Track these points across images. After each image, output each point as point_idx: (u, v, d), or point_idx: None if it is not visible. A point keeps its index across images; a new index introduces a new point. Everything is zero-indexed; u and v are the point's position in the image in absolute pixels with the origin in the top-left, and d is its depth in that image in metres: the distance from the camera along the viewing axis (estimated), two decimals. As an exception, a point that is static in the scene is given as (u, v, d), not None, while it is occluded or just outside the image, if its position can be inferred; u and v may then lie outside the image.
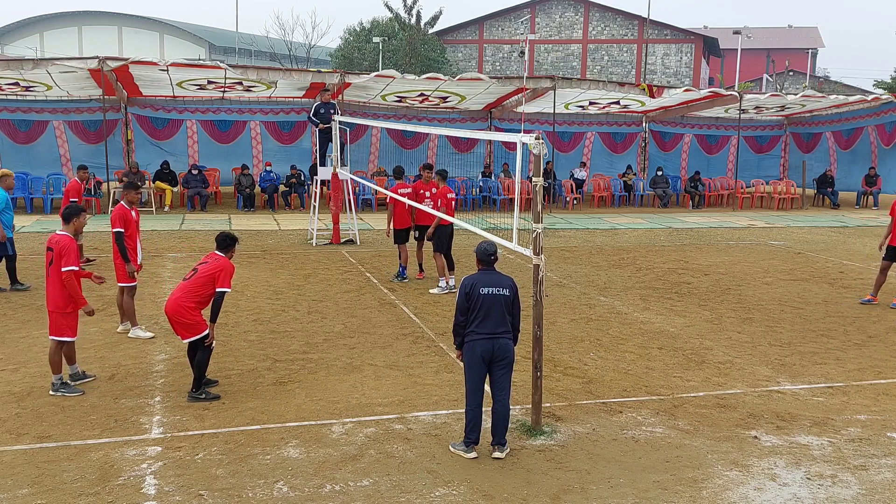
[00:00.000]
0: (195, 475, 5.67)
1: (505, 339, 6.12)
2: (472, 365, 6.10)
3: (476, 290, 6.09)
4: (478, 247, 6.34)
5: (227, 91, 22.80)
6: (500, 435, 6.14)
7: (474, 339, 6.07)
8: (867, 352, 9.27)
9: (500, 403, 6.15)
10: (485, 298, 6.08)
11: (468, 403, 6.14)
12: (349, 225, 16.64)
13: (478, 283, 6.13)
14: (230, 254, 7.39)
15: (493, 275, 6.24)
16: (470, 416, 6.11)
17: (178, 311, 7.06)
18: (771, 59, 73.88)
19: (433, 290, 11.96)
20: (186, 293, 7.09)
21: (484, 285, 6.12)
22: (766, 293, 12.43)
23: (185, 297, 7.07)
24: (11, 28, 75.46)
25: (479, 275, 6.25)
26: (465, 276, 6.32)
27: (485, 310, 6.06)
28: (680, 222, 21.49)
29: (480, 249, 6.30)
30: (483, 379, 6.13)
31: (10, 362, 8.13)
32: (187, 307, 7.06)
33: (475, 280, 6.17)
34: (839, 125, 28.24)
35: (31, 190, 20.68)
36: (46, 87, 21.44)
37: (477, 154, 26.53)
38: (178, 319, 7.09)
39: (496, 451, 6.12)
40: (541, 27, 55.72)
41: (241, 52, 63.56)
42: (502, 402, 6.14)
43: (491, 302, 6.08)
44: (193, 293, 7.10)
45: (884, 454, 6.32)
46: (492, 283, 6.16)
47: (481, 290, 6.09)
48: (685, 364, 8.63)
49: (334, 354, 8.68)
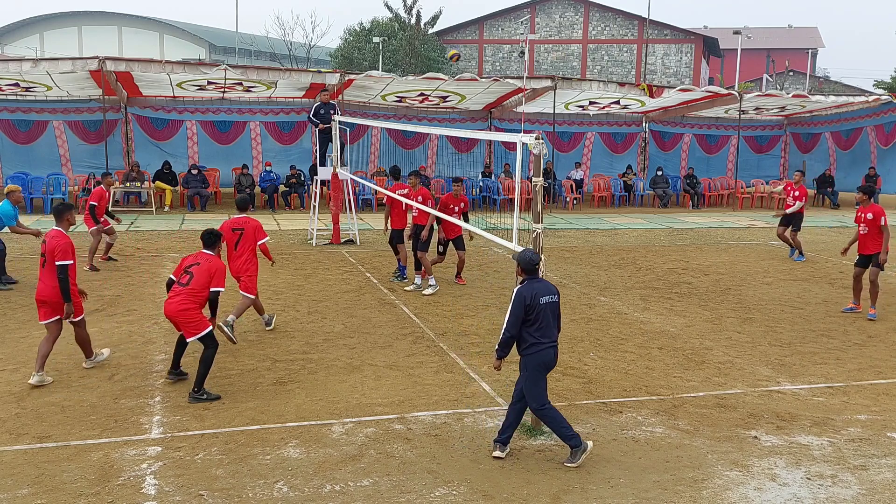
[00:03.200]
0: (195, 475, 5.67)
1: (557, 347, 6.15)
2: (540, 373, 6.04)
3: (537, 300, 5.99)
4: (521, 256, 6.16)
5: (227, 91, 22.81)
6: (508, 434, 6.16)
7: (541, 348, 6.01)
8: (867, 352, 9.27)
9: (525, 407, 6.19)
10: (545, 307, 6.03)
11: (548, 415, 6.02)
12: (349, 225, 16.64)
13: (537, 293, 6.01)
14: (217, 250, 7.59)
15: (543, 282, 6.16)
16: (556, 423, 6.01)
17: (182, 314, 7.21)
18: (771, 59, 73.91)
19: (426, 290, 11.85)
20: (188, 298, 7.23)
21: (542, 294, 6.04)
22: (766, 293, 12.43)
23: (188, 301, 7.23)
24: (11, 28, 75.49)
25: (532, 284, 6.06)
26: (519, 287, 6.08)
27: (544, 318, 6.02)
28: (680, 222, 21.49)
29: (526, 259, 6.12)
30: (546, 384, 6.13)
31: (10, 362, 8.13)
32: (188, 308, 7.22)
33: (533, 290, 6.00)
34: (838, 125, 28.25)
35: (31, 190, 20.66)
36: (46, 88, 21.44)
37: (477, 154, 26.53)
38: (182, 321, 7.25)
39: (497, 451, 6.10)
40: (541, 27, 55.71)
41: (241, 52, 63.56)
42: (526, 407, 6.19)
43: (549, 310, 6.07)
44: (194, 297, 7.26)
45: (884, 454, 6.32)
46: (546, 291, 6.08)
47: (541, 300, 6.01)
48: (685, 364, 8.63)
49: (334, 354, 8.68)
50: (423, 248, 12.02)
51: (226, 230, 9.27)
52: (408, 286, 12.13)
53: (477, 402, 7.26)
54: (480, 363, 8.44)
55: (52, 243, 7.42)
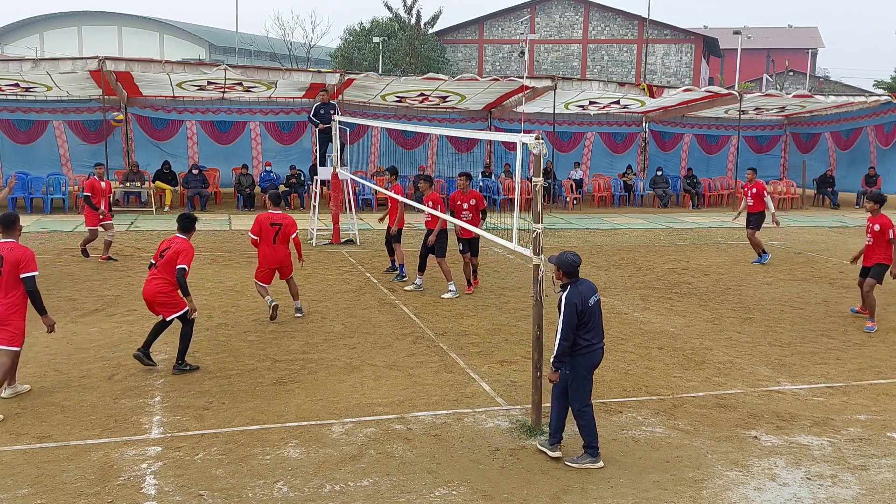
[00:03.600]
0: (195, 475, 5.67)
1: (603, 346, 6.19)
2: (588, 374, 6.07)
3: (586, 302, 5.99)
4: (562, 258, 6.05)
5: (227, 91, 22.81)
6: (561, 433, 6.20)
7: (592, 350, 6.03)
8: (867, 352, 9.27)
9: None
10: (593, 309, 6.05)
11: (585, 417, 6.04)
12: (349, 225, 16.64)
13: (585, 296, 6.00)
14: (191, 235, 8.19)
15: (585, 283, 6.14)
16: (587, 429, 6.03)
17: (156, 294, 7.88)
18: (771, 59, 73.88)
19: (445, 294, 11.62)
20: (160, 278, 7.87)
21: (589, 296, 6.05)
22: (766, 293, 12.43)
23: (160, 282, 7.87)
24: (11, 28, 75.48)
25: (578, 287, 6.01)
26: (566, 293, 5.97)
27: (595, 319, 6.06)
28: (680, 222, 21.49)
29: (567, 261, 6.03)
30: None
31: (10, 362, 8.12)
32: (164, 291, 7.87)
33: (581, 294, 5.98)
34: (838, 125, 28.25)
35: (31, 190, 20.66)
36: (46, 88, 21.44)
37: (477, 154, 26.51)
38: (158, 301, 7.91)
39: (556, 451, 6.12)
40: (541, 27, 55.69)
41: (241, 52, 63.56)
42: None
43: (598, 310, 6.11)
44: (168, 279, 7.86)
45: (884, 454, 6.32)
46: (591, 291, 6.09)
47: (590, 302, 6.03)
48: (685, 364, 8.63)
49: (334, 354, 8.68)
50: (440, 254, 11.70)
51: (263, 223, 9.97)
52: (408, 286, 12.12)
53: (477, 402, 7.27)
54: (480, 363, 8.44)
55: (11, 256, 6.81)
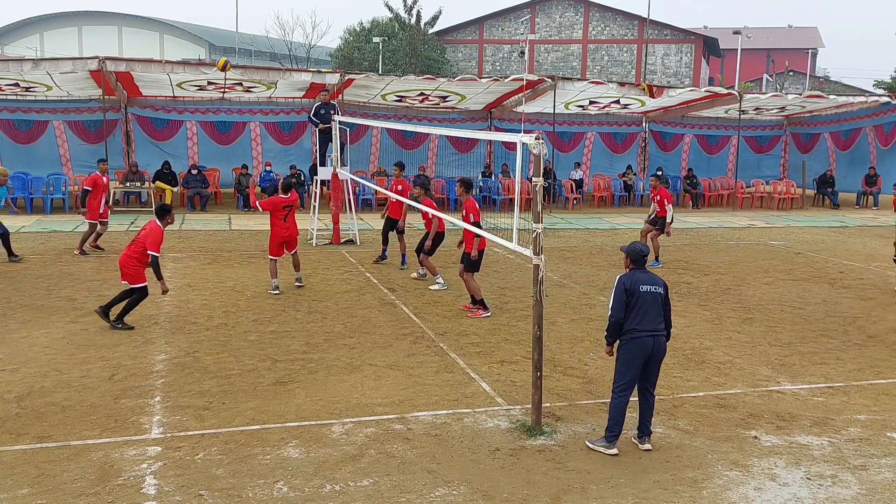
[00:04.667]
0: (195, 475, 5.67)
1: (662, 337, 6.26)
2: (633, 361, 6.19)
3: (637, 287, 6.22)
4: (630, 247, 6.46)
5: (227, 92, 22.81)
6: (649, 425, 6.35)
7: (637, 335, 6.17)
8: (867, 352, 9.27)
9: (652, 395, 6.37)
10: (645, 296, 6.21)
11: (618, 397, 6.21)
12: (349, 225, 16.65)
13: (637, 281, 6.25)
14: (165, 221, 9.54)
15: (647, 273, 6.37)
16: (616, 410, 6.20)
17: (125, 264, 9.47)
18: (771, 59, 73.92)
19: (432, 286, 12.21)
20: (130, 252, 9.48)
21: (643, 283, 6.25)
22: (766, 293, 12.43)
23: (129, 255, 9.47)
24: (11, 28, 75.51)
25: (635, 273, 6.34)
26: (621, 275, 6.40)
27: (645, 307, 6.19)
28: (680, 222, 21.47)
29: (634, 250, 6.41)
30: (638, 376, 6.25)
31: (10, 362, 8.13)
32: (130, 263, 9.44)
33: (634, 278, 6.28)
34: (837, 126, 28.27)
35: (31, 190, 20.66)
36: (46, 88, 21.44)
37: (477, 154, 26.52)
38: (124, 270, 9.46)
39: (645, 444, 6.29)
40: (541, 27, 55.70)
41: (241, 52, 63.56)
42: (653, 394, 6.38)
43: (651, 299, 6.23)
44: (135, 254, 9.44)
45: (884, 454, 6.32)
46: (648, 281, 6.29)
47: (641, 288, 6.21)
48: (685, 364, 8.63)
49: (334, 354, 8.68)
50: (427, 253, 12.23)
51: (277, 203, 11.75)
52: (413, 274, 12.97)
53: (477, 402, 7.26)
54: (480, 363, 8.44)
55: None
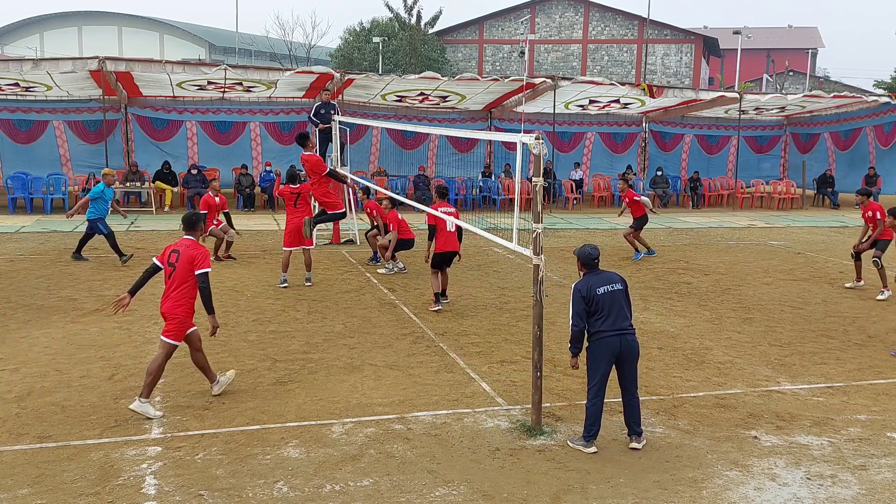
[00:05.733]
0: (195, 475, 5.67)
1: (629, 335, 6.25)
2: (600, 362, 6.20)
3: (593, 291, 6.20)
4: (580, 251, 6.45)
5: (227, 91, 22.81)
6: (637, 425, 6.33)
7: (602, 336, 6.18)
8: (867, 352, 9.27)
9: (633, 396, 6.35)
10: (604, 297, 6.21)
11: (592, 399, 6.22)
12: (349, 225, 16.64)
13: (593, 285, 6.24)
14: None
15: (601, 274, 6.37)
16: (591, 411, 6.22)
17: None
18: (771, 59, 73.89)
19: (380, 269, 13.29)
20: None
21: (599, 285, 6.24)
22: (766, 293, 12.43)
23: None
24: (11, 28, 75.47)
25: (589, 278, 6.34)
26: (576, 282, 6.36)
27: (606, 308, 6.19)
28: (680, 222, 21.49)
29: (584, 253, 6.40)
30: (608, 375, 6.24)
31: (10, 362, 8.13)
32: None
33: (589, 283, 6.27)
34: (837, 126, 28.26)
35: (31, 190, 20.66)
36: (46, 88, 21.43)
37: (477, 154, 26.50)
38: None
39: (634, 443, 6.28)
40: (541, 27, 55.69)
41: (241, 52, 63.53)
42: (634, 395, 6.35)
43: (611, 299, 6.23)
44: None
45: (884, 454, 6.32)
46: (604, 281, 6.30)
47: (598, 291, 6.21)
48: (685, 364, 8.63)
49: (334, 354, 8.68)
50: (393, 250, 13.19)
51: (285, 191, 12.18)
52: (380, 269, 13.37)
53: (477, 402, 7.27)
54: (480, 363, 8.44)
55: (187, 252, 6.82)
